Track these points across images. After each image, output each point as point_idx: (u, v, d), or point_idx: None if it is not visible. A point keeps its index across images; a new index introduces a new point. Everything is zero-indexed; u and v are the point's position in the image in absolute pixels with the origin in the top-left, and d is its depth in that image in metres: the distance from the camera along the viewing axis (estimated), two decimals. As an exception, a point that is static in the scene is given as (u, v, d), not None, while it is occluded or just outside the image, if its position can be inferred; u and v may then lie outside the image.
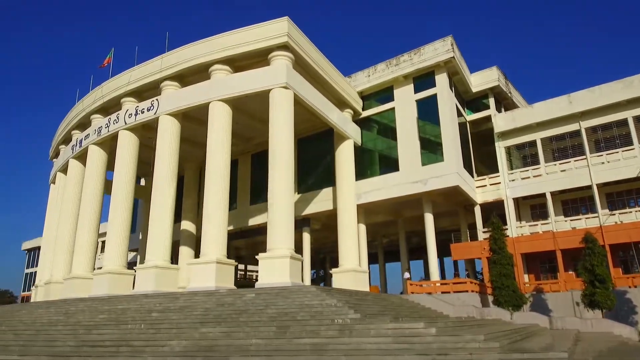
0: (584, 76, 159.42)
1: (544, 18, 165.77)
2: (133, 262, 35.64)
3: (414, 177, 25.67)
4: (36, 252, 66.79)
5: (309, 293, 15.97)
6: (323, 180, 29.09)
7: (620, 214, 24.85)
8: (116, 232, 24.06)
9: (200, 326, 13.14)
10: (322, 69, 24.68)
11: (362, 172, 27.93)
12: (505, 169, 27.98)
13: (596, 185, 25.15)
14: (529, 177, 27.18)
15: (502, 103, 31.08)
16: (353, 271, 25.36)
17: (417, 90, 27.22)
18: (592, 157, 25.67)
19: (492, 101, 29.68)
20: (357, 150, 28.13)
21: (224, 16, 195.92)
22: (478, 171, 29.13)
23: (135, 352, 11.33)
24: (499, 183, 27.83)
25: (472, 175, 28.34)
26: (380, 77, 28.09)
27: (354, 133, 27.99)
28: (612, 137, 26.08)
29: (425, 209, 26.26)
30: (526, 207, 28.83)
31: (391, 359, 9.19)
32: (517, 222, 27.34)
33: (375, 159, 28.46)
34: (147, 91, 25.74)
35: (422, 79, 27.08)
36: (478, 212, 27.94)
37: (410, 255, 36.28)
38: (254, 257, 43.41)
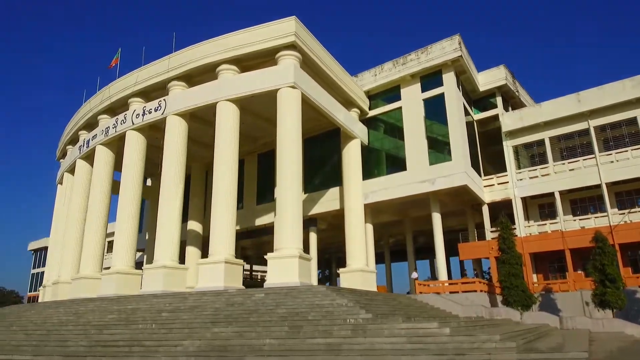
0: (591, 75, 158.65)
1: (548, 17, 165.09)
2: (139, 262, 35.70)
3: (421, 176, 25.57)
4: (42, 253, 67.10)
5: (319, 293, 15.91)
6: (330, 180, 29.04)
7: (629, 213, 24.66)
8: (124, 233, 24.09)
9: (212, 326, 13.12)
10: (329, 69, 24.63)
11: (369, 171, 27.86)
12: (513, 168, 27.83)
13: (605, 184, 24.97)
14: (537, 177, 27.02)
15: (509, 102, 30.92)
16: (361, 271, 25.30)
17: (424, 89, 27.13)
18: (601, 156, 25.48)
19: (500, 100, 29.54)
20: (364, 150, 28.07)
21: (229, 16, 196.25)
22: (485, 170, 28.99)
23: (148, 352, 11.32)
24: (507, 182, 27.69)
25: (480, 175, 28.21)
26: (387, 76, 28.01)
27: (360, 133, 27.93)
28: (621, 136, 25.89)
29: (433, 208, 26.15)
30: (534, 206, 28.67)
31: (407, 359, 9.14)
32: (525, 221, 27.19)
33: (382, 159, 28.39)
34: (154, 91, 25.76)
35: (429, 78, 26.98)
36: (486, 211, 27.81)
37: (416, 255, 36.19)
38: (260, 257, 43.61)
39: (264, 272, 56.66)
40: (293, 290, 16.76)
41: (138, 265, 26.16)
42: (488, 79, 29.36)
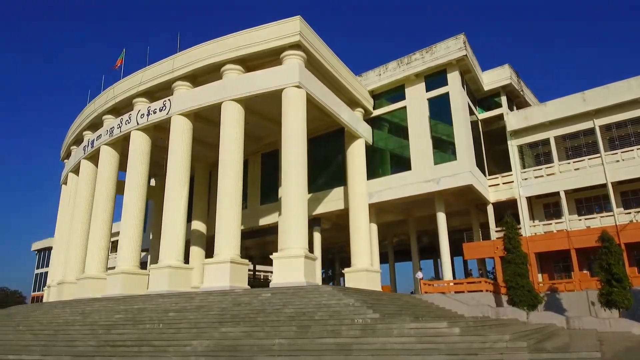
0: (596, 75, 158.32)
1: (552, 16, 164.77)
2: (143, 262, 35.74)
3: (426, 176, 25.53)
4: (46, 253, 67.19)
5: (326, 292, 15.90)
6: (334, 180, 29.01)
7: (635, 212, 24.58)
8: (129, 233, 24.12)
9: (220, 326, 13.11)
10: (333, 68, 24.61)
11: (373, 171, 27.83)
12: (518, 167, 27.76)
13: (611, 184, 24.89)
14: (542, 176, 26.95)
15: (514, 101, 30.85)
16: (365, 271, 25.26)
17: (428, 88, 27.08)
18: (606, 155, 25.41)
19: (504, 99, 29.46)
20: (368, 150, 28.03)
21: (233, 17, 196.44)
22: (489, 170, 28.94)
23: (158, 352, 11.33)
24: (512, 182, 27.63)
25: (485, 174, 28.15)
26: (392, 75, 27.97)
27: (365, 132, 27.89)
28: (627, 135, 25.83)
29: (438, 208, 26.09)
30: (539, 206, 28.61)
31: (419, 359, 9.12)
32: (531, 221, 27.14)
33: (386, 158, 28.35)
34: (159, 91, 25.77)
35: (434, 78, 26.92)
36: (491, 211, 27.75)
37: (420, 255, 36.13)
38: (263, 257, 43.55)
39: (266, 272, 56.61)
40: (300, 290, 16.74)
41: (142, 265, 26.21)
42: (492, 78, 29.29)
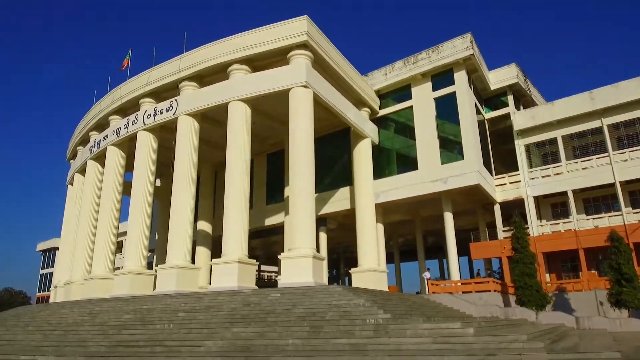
0: (602, 75, 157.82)
1: (557, 15, 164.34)
2: (149, 262, 35.73)
3: (433, 175, 25.45)
4: (51, 253, 67.41)
5: (335, 293, 15.85)
6: (340, 180, 28.96)
7: (644, 212, 24.44)
8: (137, 233, 24.12)
9: (231, 326, 13.08)
10: (340, 68, 24.56)
11: (379, 171, 27.76)
12: (525, 167, 27.64)
13: (619, 183, 24.76)
14: (549, 175, 26.83)
15: (520, 100, 30.72)
16: (372, 271, 25.21)
17: (435, 88, 26.99)
18: (614, 155, 25.28)
19: (511, 99, 29.35)
20: (374, 150, 27.94)
21: (239, 17, 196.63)
22: (496, 170, 28.83)
23: (172, 352, 11.30)
24: (519, 181, 27.51)
25: (491, 174, 28.05)
26: (398, 75, 27.90)
27: (371, 132, 27.84)
28: (635, 134, 25.67)
29: (445, 208, 26.02)
30: (546, 205, 28.49)
31: (437, 359, 9.07)
32: (538, 220, 27.02)
33: (392, 158, 28.28)
34: (165, 92, 25.78)
35: (441, 77, 26.84)
36: (498, 211, 27.65)
37: (426, 255, 36.04)
38: (268, 257, 43.43)
39: (270, 272, 56.62)
40: (309, 290, 16.70)
41: (148, 265, 26.19)
42: (499, 77, 29.19)
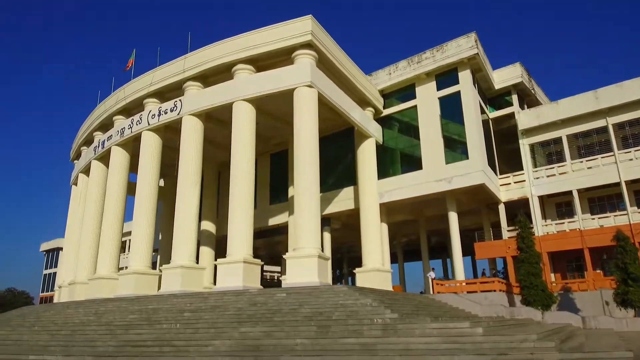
0: (602, 75, 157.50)
1: (560, 14, 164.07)
2: (153, 262, 35.76)
3: (437, 175, 25.41)
4: (55, 253, 67.49)
5: (342, 292, 15.83)
6: (343, 180, 28.94)
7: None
8: (141, 233, 24.13)
9: (238, 325, 13.06)
10: (344, 67, 24.53)
11: (383, 171, 27.72)
12: (530, 166, 27.58)
13: (625, 182, 24.68)
14: (554, 175, 26.75)
15: (524, 100, 30.63)
16: (377, 270, 25.20)
17: (439, 87, 26.94)
18: (620, 154, 25.20)
19: (515, 98, 29.28)
20: (378, 149, 27.89)
21: (243, 17, 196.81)
22: (500, 169, 28.76)
23: (180, 352, 11.29)
24: (524, 181, 27.44)
25: (496, 173, 27.99)
26: (402, 75, 27.86)
27: (375, 132, 27.81)
28: (640, 133, 25.60)
29: (449, 207, 25.97)
30: (551, 205, 28.41)
31: (447, 359, 9.03)
32: (543, 220, 26.95)
33: (396, 158, 28.25)
34: (169, 92, 25.78)
35: (445, 77, 26.79)
36: (502, 210, 27.58)
37: (429, 255, 35.99)
38: (271, 257, 43.38)
39: (273, 272, 56.62)
40: (315, 290, 16.68)
41: (152, 265, 26.21)
42: (504, 76, 29.11)
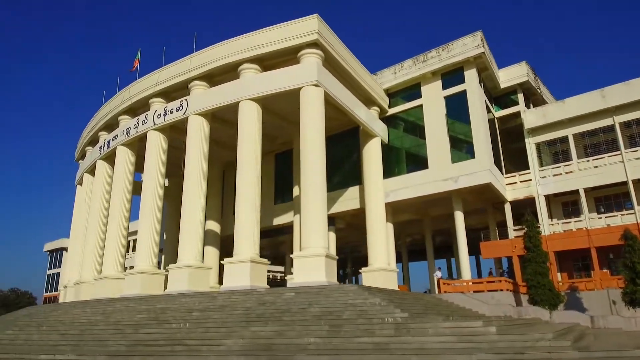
0: (602, 75, 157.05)
1: (563, 13, 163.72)
2: (158, 262, 35.74)
3: (444, 174, 25.35)
4: (58, 254, 67.62)
5: (350, 292, 15.80)
6: (349, 179, 28.89)
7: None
8: (147, 233, 24.14)
9: (248, 325, 13.04)
10: (350, 67, 24.50)
11: (388, 170, 27.66)
12: (536, 165, 27.48)
13: (632, 181, 24.58)
14: (560, 174, 26.65)
15: (530, 99, 30.56)
16: (383, 270, 25.17)
17: (445, 86, 26.89)
18: (626, 153, 25.10)
19: (521, 97, 29.20)
20: (383, 149, 27.85)
21: (248, 16, 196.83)
22: (506, 168, 28.68)
23: (192, 352, 11.27)
24: (530, 180, 27.34)
25: (502, 172, 27.92)
26: (407, 74, 27.81)
27: (381, 131, 27.76)
28: (647, 132, 25.49)
29: (455, 207, 25.89)
30: (557, 204, 28.31)
31: (464, 358, 8.99)
32: (549, 219, 26.86)
33: (402, 157, 28.20)
34: (175, 91, 25.79)
35: (451, 76, 26.74)
36: (508, 209, 27.50)
37: (434, 254, 35.91)
38: (275, 257, 43.34)
39: (277, 272, 56.61)
40: (323, 289, 16.66)
41: (158, 265, 26.19)
42: (509, 75, 29.04)
